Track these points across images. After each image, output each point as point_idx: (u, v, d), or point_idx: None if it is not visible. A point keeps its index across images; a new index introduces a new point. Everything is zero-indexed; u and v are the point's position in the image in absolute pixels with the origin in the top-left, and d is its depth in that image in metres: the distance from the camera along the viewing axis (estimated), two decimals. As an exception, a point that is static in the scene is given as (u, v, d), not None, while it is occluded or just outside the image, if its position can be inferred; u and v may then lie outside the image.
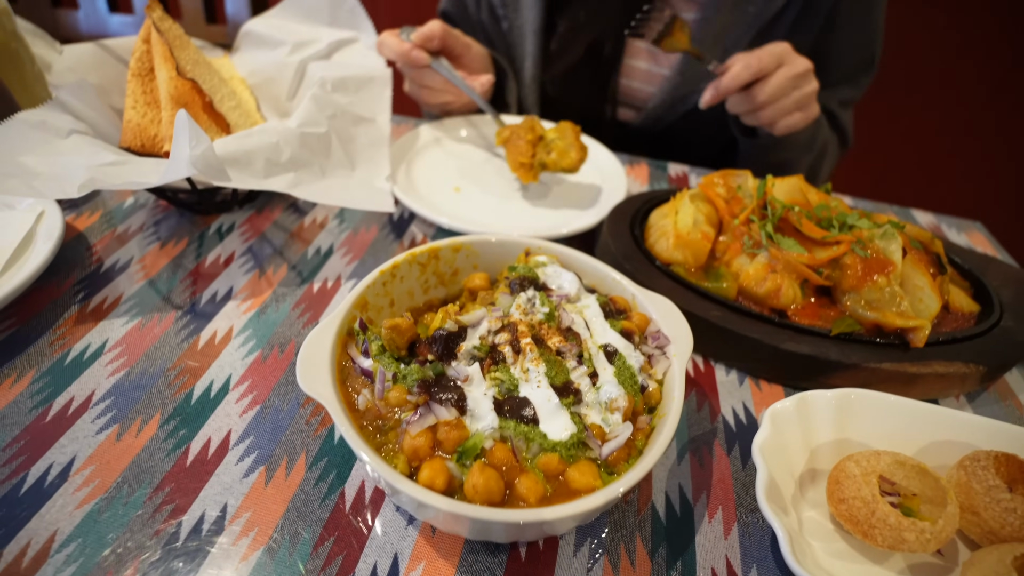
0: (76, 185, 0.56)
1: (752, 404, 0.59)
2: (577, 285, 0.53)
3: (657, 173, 1.00)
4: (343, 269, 0.71)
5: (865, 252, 0.63)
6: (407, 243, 0.77)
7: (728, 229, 0.69)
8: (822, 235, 0.64)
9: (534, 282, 0.52)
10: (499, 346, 0.45)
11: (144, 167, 0.60)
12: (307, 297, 0.67)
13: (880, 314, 0.60)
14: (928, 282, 0.63)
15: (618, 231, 0.71)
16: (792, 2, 0.99)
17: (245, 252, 0.72)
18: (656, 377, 0.48)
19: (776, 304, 0.63)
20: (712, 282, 0.65)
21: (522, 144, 0.80)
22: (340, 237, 0.76)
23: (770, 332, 0.60)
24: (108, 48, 0.83)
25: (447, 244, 0.58)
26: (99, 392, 0.53)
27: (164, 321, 0.62)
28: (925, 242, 0.71)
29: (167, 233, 0.74)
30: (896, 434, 0.52)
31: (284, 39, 0.92)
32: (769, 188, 0.70)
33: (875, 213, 0.76)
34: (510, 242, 0.60)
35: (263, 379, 0.56)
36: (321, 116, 0.72)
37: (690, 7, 1.06)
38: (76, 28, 1.52)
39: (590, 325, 0.49)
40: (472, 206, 0.82)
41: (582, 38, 1.09)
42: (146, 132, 0.72)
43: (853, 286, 0.62)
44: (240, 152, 0.63)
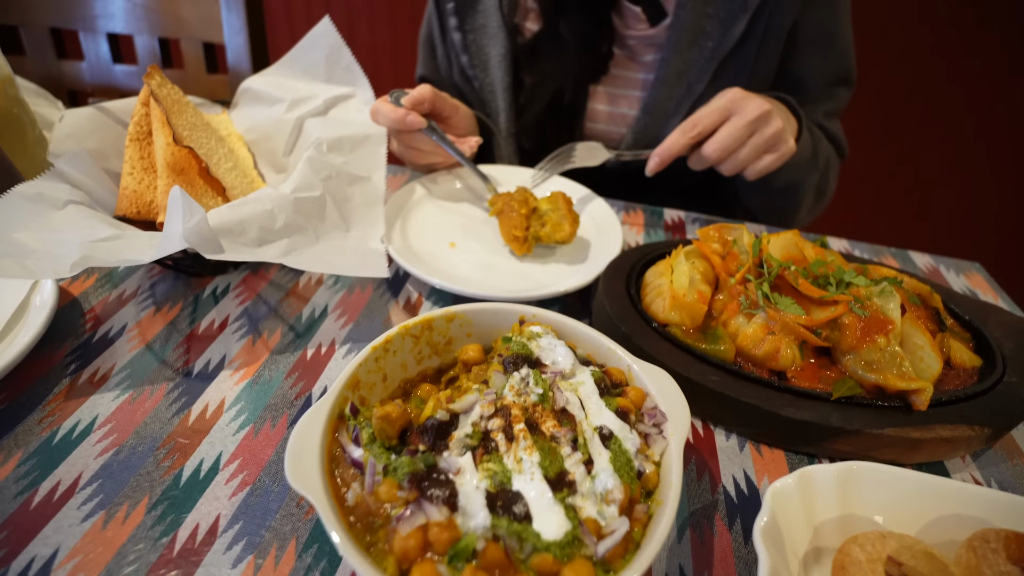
0: (68, 264, 0.56)
1: (754, 472, 0.58)
2: (572, 360, 0.52)
3: (653, 220, 1.00)
4: (337, 332, 0.70)
5: (864, 311, 0.62)
6: (402, 303, 0.76)
7: (725, 287, 0.68)
8: (819, 294, 0.64)
9: (528, 359, 0.51)
10: (492, 433, 0.45)
11: (137, 242, 0.61)
12: (301, 364, 0.66)
13: (881, 376, 0.59)
14: (928, 341, 0.62)
15: (614, 290, 0.71)
16: (750, 34, 1.01)
17: (240, 315, 0.72)
18: (653, 458, 0.47)
19: (775, 366, 0.62)
20: (709, 344, 0.64)
21: (516, 217, 0.80)
22: (334, 298, 0.76)
23: (769, 397, 0.59)
24: (107, 111, 0.84)
25: (440, 315, 0.58)
26: (86, 474, 0.53)
27: (156, 393, 0.61)
28: (924, 296, 0.70)
29: (162, 296, 0.74)
30: (902, 507, 0.51)
31: (282, 96, 0.93)
32: (764, 245, 0.69)
33: (872, 265, 0.75)
34: (504, 310, 0.59)
35: (254, 456, 0.55)
36: (316, 179, 0.73)
37: (648, 50, 1.09)
38: (81, 79, 1.55)
39: (585, 404, 0.48)
40: (467, 262, 0.82)
41: (545, 90, 1.13)
42: (142, 199, 0.72)
43: (852, 347, 0.61)
44: (234, 222, 0.63)
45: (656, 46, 1.07)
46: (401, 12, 2.23)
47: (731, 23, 1.00)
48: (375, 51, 2.38)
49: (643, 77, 1.12)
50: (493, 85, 1.15)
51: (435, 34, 1.21)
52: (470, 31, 1.14)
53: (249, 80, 0.97)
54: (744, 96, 0.85)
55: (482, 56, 1.15)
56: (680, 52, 1.03)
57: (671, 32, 1.03)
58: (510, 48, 1.11)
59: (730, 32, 1.00)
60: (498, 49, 1.12)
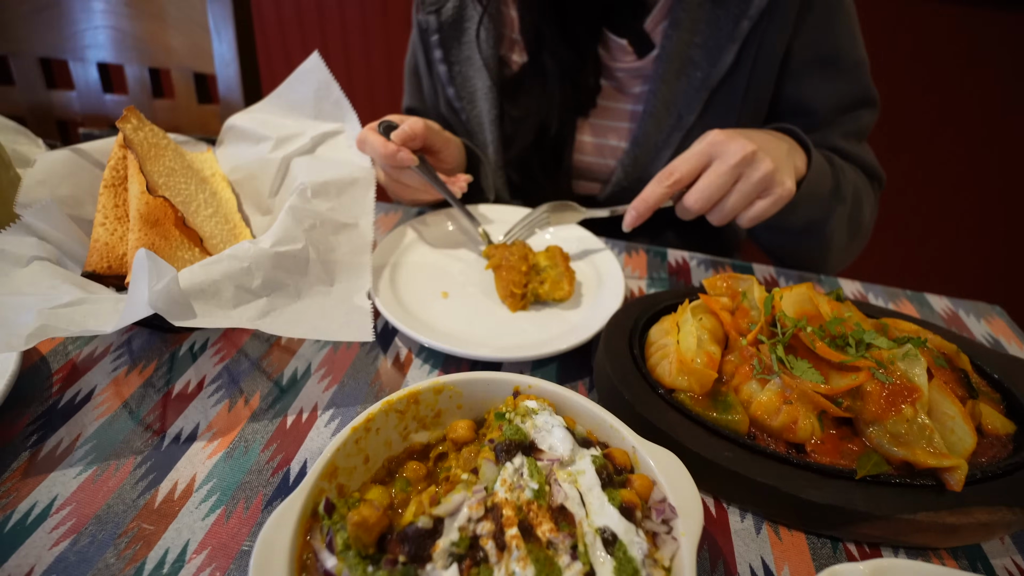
0: (24, 336, 0.52)
1: (772, 560, 0.53)
2: (571, 444, 0.47)
3: (656, 262, 0.96)
4: (320, 396, 0.66)
5: (887, 378, 0.57)
6: (390, 360, 0.72)
7: (735, 347, 0.64)
8: (839, 358, 0.59)
9: (522, 446, 0.46)
10: (482, 539, 0.40)
11: (102, 308, 0.56)
12: (280, 433, 0.61)
13: (909, 451, 0.54)
14: (959, 411, 0.57)
15: (615, 350, 0.66)
16: (740, 62, 0.97)
17: (217, 376, 0.67)
18: (663, 563, 0.42)
19: (792, 438, 0.57)
20: (721, 413, 0.59)
21: (515, 274, 0.76)
22: (319, 356, 0.71)
23: (788, 476, 0.54)
24: (84, 153, 0.80)
25: (428, 387, 0.53)
26: (39, 569, 0.48)
27: (122, 469, 0.56)
28: (950, 356, 0.65)
29: (135, 355, 0.70)
30: (939, 607, 0.46)
31: (268, 134, 0.89)
32: (777, 302, 0.65)
33: (891, 318, 0.70)
34: (497, 380, 0.55)
35: (224, 546, 0.50)
36: (298, 230, 0.68)
37: (636, 81, 1.06)
38: (71, 108, 1.52)
39: (585, 499, 0.44)
40: (460, 316, 0.77)
41: (530, 124, 1.10)
42: (114, 251, 0.68)
43: (876, 417, 0.57)
44: (207, 282, 0.59)
45: (644, 78, 1.05)
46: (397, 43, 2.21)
47: (719, 52, 0.97)
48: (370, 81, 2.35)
49: (632, 108, 1.09)
50: (480, 117, 1.12)
51: (420, 65, 1.18)
52: (456, 63, 1.11)
53: (234, 117, 0.93)
54: (725, 138, 0.76)
55: (468, 88, 1.12)
56: (668, 83, 1.00)
57: (658, 63, 1.00)
58: (495, 80, 1.08)
59: (719, 61, 0.97)
60: (484, 81, 1.09)
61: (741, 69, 0.98)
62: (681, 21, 0.96)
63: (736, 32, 0.95)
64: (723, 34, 0.96)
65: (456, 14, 1.08)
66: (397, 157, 0.82)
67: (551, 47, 1.04)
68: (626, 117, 1.10)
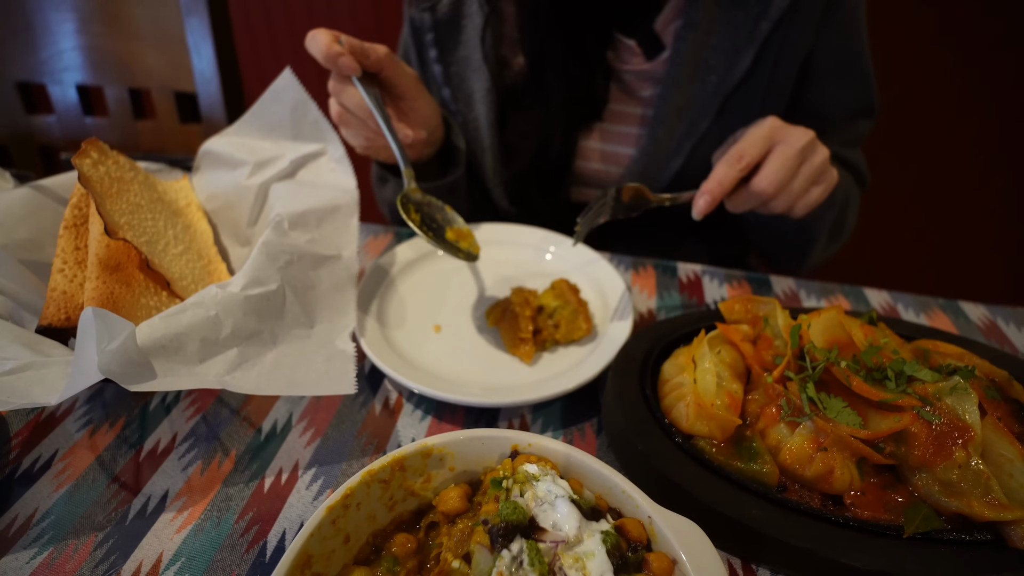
0: (-44, 412, 0.46)
1: (811, 633, 0.47)
2: (577, 520, 0.41)
3: (666, 279, 0.89)
4: (301, 452, 0.60)
5: (935, 417, 0.51)
6: (379, 407, 0.65)
7: (759, 384, 0.57)
8: (879, 397, 0.52)
9: (520, 527, 0.40)
10: (474, 654, 0.34)
11: (49, 374, 0.50)
12: (256, 501, 0.55)
13: (963, 502, 0.48)
14: (1018, 452, 0.50)
15: (626, 391, 0.59)
16: (758, 66, 0.91)
17: (189, 434, 0.62)
18: (688, 668, 0.35)
19: (829, 490, 0.51)
20: (746, 462, 0.52)
21: (520, 320, 0.69)
22: (300, 405, 0.65)
23: (826, 537, 0.47)
24: (45, 190, 0.74)
25: (415, 450, 0.47)
26: (-17, 677, 0.42)
27: (80, 551, 0.51)
28: (1002, 384, 0.58)
29: (101, 412, 0.64)
30: None
31: (245, 158, 0.83)
32: (805, 331, 0.58)
33: (931, 341, 0.64)
34: (492, 438, 0.48)
35: (191, 641, 0.45)
36: (272, 269, 0.62)
37: (644, 84, 0.99)
38: (51, 133, 1.47)
39: (596, 593, 0.37)
40: (454, 354, 0.71)
41: (532, 132, 1.04)
42: (73, 301, 0.62)
43: (924, 463, 0.50)
44: (168, 336, 0.53)
45: (654, 80, 0.98)
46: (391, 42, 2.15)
47: (736, 55, 0.91)
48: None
49: (641, 113, 1.02)
50: (478, 121, 1.05)
51: (412, 65, 1.09)
52: (452, 63, 1.04)
53: (210, 141, 0.87)
54: (784, 124, 0.75)
55: (465, 90, 1.05)
56: (681, 88, 0.94)
57: (670, 67, 0.93)
58: (495, 83, 1.01)
59: (736, 65, 0.91)
60: (482, 83, 1.02)
61: (759, 73, 0.92)
62: (696, 22, 0.90)
63: (755, 34, 0.89)
64: (741, 36, 0.90)
65: (452, 11, 1.00)
66: (338, 61, 0.74)
67: (555, 64, 0.98)
68: (634, 122, 1.03)
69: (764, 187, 0.73)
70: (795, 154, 0.73)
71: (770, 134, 0.74)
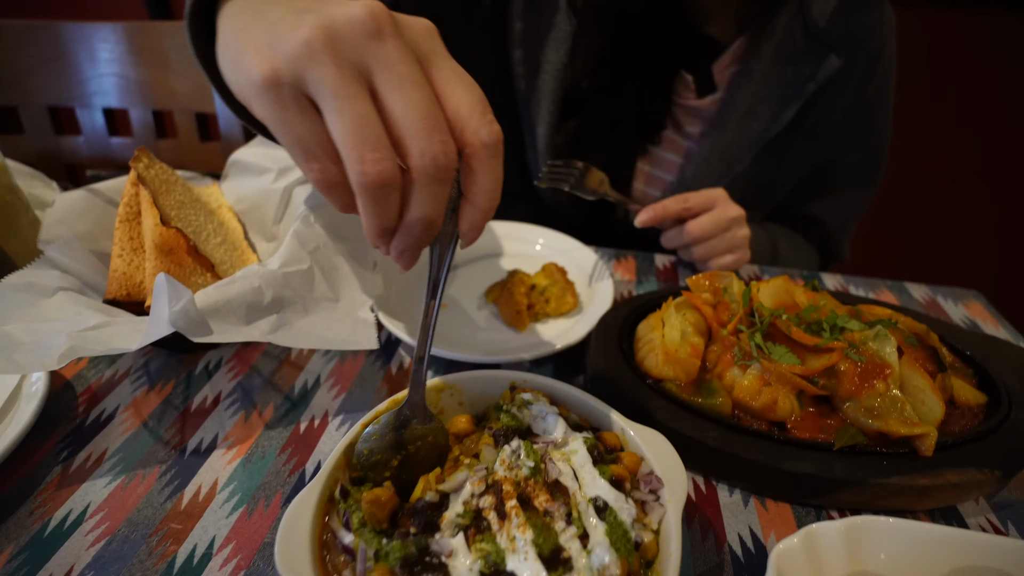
0: (56, 356, 0.56)
1: (760, 528, 0.56)
2: (563, 428, 0.51)
3: (645, 266, 1.00)
4: (330, 404, 0.70)
5: (860, 357, 0.62)
6: (395, 368, 0.76)
7: (718, 338, 0.68)
8: (814, 342, 0.63)
9: (518, 431, 0.50)
10: (484, 511, 0.44)
11: (125, 328, 0.60)
12: (294, 439, 0.65)
13: (883, 422, 0.58)
14: (928, 384, 0.61)
15: (606, 347, 0.70)
16: (798, 121, 1.00)
17: (232, 391, 0.72)
18: (651, 527, 0.45)
19: (774, 417, 0.61)
20: (706, 398, 0.63)
21: (516, 296, 0.80)
22: (327, 367, 0.75)
23: (770, 451, 0.58)
24: (98, 192, 0.85)
25: (430, 386, 0.57)
26: (78, 567, 0.51)
27: (148, 477, 0.60)
28: (921, 335, 0.69)
29: (155, 375, 0.74)
30: (914, 561, 0.49)
31: (269, 166, 0.94)
32: (754, 294, 0.69)
33: (866, 305, 0.75)
34: (495, 377, 0.59)
35: (247, 540, 0.54)
36: (303, 252, 0.73)
37: (690, 120, 1.07)
38: (79, 153, 1.59)
39: (578, 474, 0.47)
40: (459, 324, 0.82)
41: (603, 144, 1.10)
42: (132, 280, 0.73)
43: (851, 394, 0.61)
44: (221, 302, 0.63)
45: (700, 118, 1.06)
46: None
47: (782, 108, 0.99)
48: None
49: (686, 145, 1.10)
50: (542, 92, 1.04)
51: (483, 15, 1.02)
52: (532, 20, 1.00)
53: (238, 153, 0.99)
54: (726, 197, 0.91)
55: (536, 58, 1.02)
56: (727, 131, 1.02)
57: (720, 108, 1.02)
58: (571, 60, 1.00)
59: (780, 117, 1.00)
60: (559, 55, 1.00)
61: (797, 128, 1.01)
62: (753, 72, 0.98)
63: (802, 92, 0.98)
64: (790, 92, 0.98)
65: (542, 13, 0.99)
66: None
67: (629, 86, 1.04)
68: (679, 151, 1.11)
69: (693, 231, 0.89)
70: (727, 219, 0.90)
71: (714, 195, 0.90)
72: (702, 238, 0.90)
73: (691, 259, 0.94)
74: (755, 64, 0.98)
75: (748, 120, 1.01)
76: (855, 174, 1.11)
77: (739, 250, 0.93)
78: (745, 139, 1.03)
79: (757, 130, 1.02)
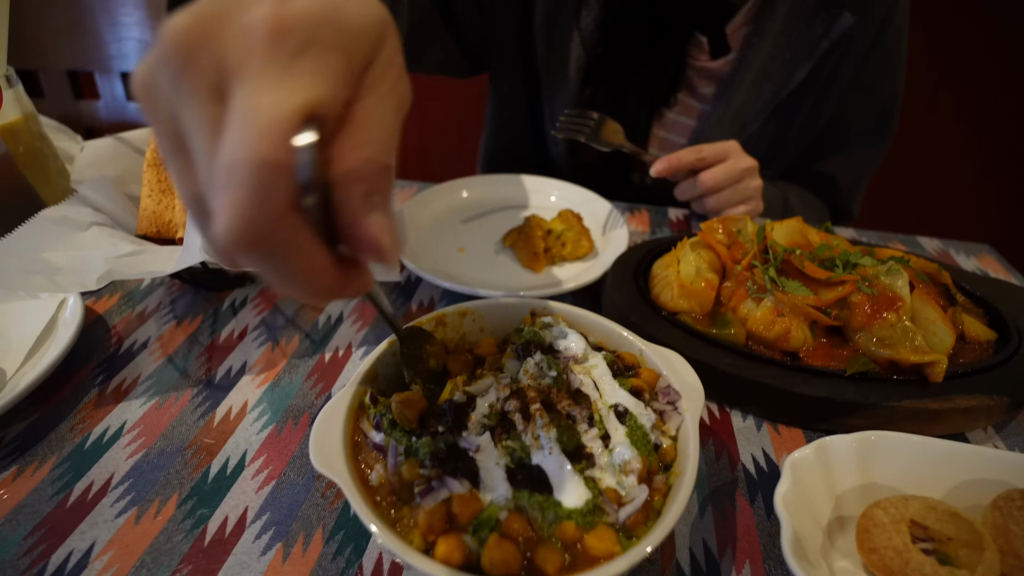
0: (95, 277, 0.58)
1: (772, 450, 0.58)
2: (583, 345, 0.53)
3: (658, 219, 1.02)
4: (353, 336, 0.72)
5: (872, 290, 0.63)
6: (415, 307, 0.78)
7: (731, 275, 0.69)
8: (826, 275, 0.64)
9: (540, 345, 0.52)
10: (509, 413, 0.45)
11: (159, 255, 0.63)
12: (319, 367, 0.67)
13: (894, 351, 0.60)
14: (939, 315, 0.62)
15: (622, 284, 0.72)
16: (810, 80, 1.01)
17: (258, 325, 0.74)
18: (669, 434, 0.47)
19: (786, 347, 0.63)
20: (720, 329, 0.64)
21: (533, 239, 0.82)
22: (349, 305, 0.77)
23: (783, 376, 0.59)
24: (125, 140, 0.87)
25: (453, 310, 0.59)
26: (118, 475, 0.54)
27: (180, 400, 0.63)
28: (932, 274, 0.70)
29: (183, 311, 0.76)
30: (923, 475, 0.51)
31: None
32: (769, 232, 0.70)
33: (879, 247, 0.76)
34: (515, 304, 0.60)
35: (278, 453, 0.57)
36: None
37: (704, 82, 1.08)
38: (98, 116, 1.61)
39: (599, 385, 0.49)
40: (477, 267, 0.83)
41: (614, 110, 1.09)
42: (161, 218, 0.75)
43: (863, 324, 0.62)
44: (250, 231, 0.65)
45: (713, 80, 1.07)
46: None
47: (795, 67, 1.00)
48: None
49: (700, 107, 1.11)
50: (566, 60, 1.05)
51: None
52: None
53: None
54: (740, 148, 0.92)
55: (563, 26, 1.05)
56: (741, 91, 1.03)
57: (733, 69, 1.02)
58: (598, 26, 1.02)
59: (793, 76, 1.01)
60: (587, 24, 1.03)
61: (809, 88, 1.02)
62: (766, 32, 0.98)
63: (815, 50, 0.98)
64: (803, 51, 0.99)
65: None
66: None
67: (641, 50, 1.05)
68: (692, 114, 1.12)
69: (707, 181, 0.90)
70: (740, 170, 0.91)
71: (727, 147, 0.91)
72: (715, 188, 0.91)
73: (704, 210, 0.95)
74: (769, 24, 0.98)
75: (762, 80, 1.02)
76: (866, 131, 1.11)
77: (752, 201, 0.94)
78: (759, 99, 1.03)
79: (770, 90, 1.02)
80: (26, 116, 0.84)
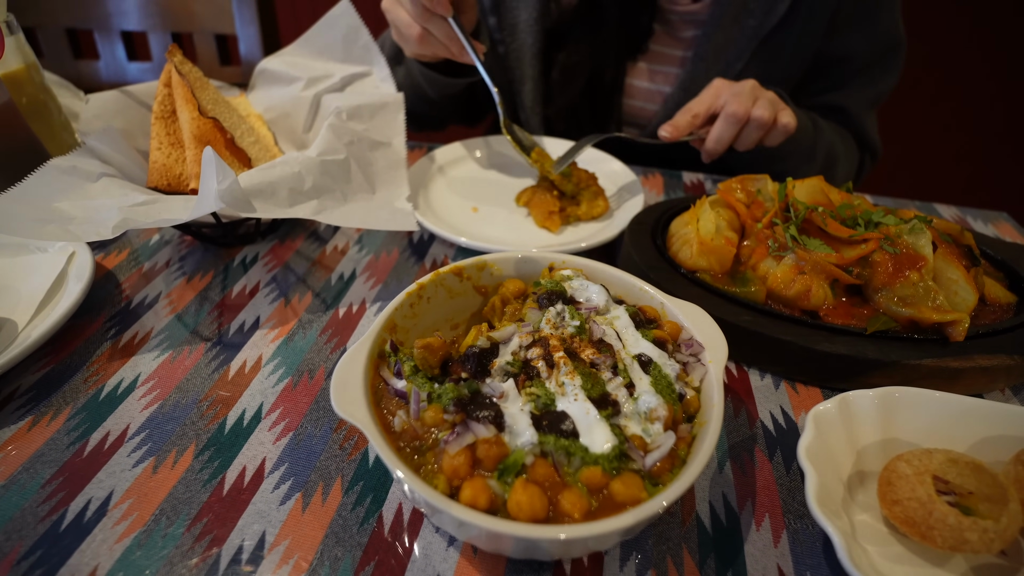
0: (110, 226, 0.57)
1: (791, 408, 0.58)
2: (605, 297, 0.52)
3: (672, 182, 1.00)
4: (367, 293, 0.71)
5: (894, 249, 0.62)
6: (429, 265, 0.77)
7: (751, 233, 0.68)
8: (849, 234, 0.63)
9: (562, 296, 0.51)
10: (532, 361, 0.45)
11: (173, 205, 0.62)
12: (333, 323, 0.67)
13: (915, 310, 0.59)
14: (962, 275, 0.61)
15: (640, 242, 0.71)
16: (793, 13, 0.99)
17: (270, 282, 0.73)
18: (693, 384, 0.47)
19: (807, 305, 0.62)
20: (739, 287, 0.64)
21: (548, 198, 0.80)
22: (362, 262, 0.76)
23: (803, 334, 0.59)
24: (131, 94, 0.85)
25: (471, 263, 0.58)
26: (134, 426, 0.54)
27: (194, 353, 0.62)
28: (955, 235, 0.69)
29: (193, 267, 0.75)
30: (944, 431, 0.50)
31: (298, 75, 0.94)
32: (790, 190, 0.69)
33: (900, 209, 0.75)
34: (533, 258, 0.59)
35: (295, 406, 0.56)
36: (339, 143, 0.73)
37: (688, 26, 1.07)
38: (97, 77, 1.58)
39: (622, 336, 0.49)
40: (491, 225, 0.82)
41: (582, 70, 1.10)
42: (171, 171, 0.73)
43: (885, 283, 0.61)
44: (264, 184, 0.64)
45: (696, 23, 1.05)
46: None
47: (775, 1, 0.98)
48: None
49: (681, 54, 1.09)
50: (520, 51, 1.11)
51: None
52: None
53: (265, 61, 0.98)
54: (726, 81, 0.87)
55: (510, 19, 1.09)
56: (723, 29, 1.01)
57: (713, 8, 1.01)
58: (543, 12, 1.06)
59: (773, 10, 0.99)
60: (529, 13, 1.07)
61: (794, 20, 0.99)
62: None
63: None
64: None
65: None
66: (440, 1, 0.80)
67: None
68: (675, 62, 1.10)
69: (735, 109, 0.83)
70: (748, 90, 0.84)
71: (715, 86, 0.86)
72: (747, 112, 0.84)
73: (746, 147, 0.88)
74: None
75: (743, 16, 1.00)
76: (869, 63, 1.07)
77: (782, 110, 0.87)
78: (742, 36, 1.02)
79: (752, 26, 1.01)
80: (28, 66, 0.82)
